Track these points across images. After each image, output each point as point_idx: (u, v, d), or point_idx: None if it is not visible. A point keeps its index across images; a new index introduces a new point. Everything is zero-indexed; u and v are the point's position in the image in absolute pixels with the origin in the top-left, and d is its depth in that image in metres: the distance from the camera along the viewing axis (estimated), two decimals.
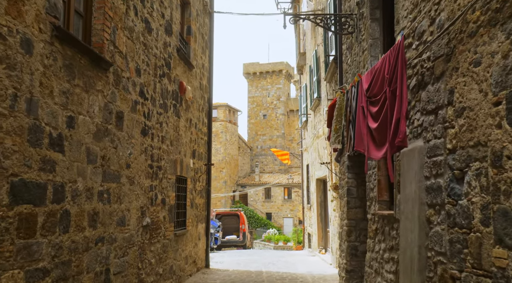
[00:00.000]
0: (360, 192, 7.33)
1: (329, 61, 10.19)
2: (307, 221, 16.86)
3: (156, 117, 6.79)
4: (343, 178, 7.69)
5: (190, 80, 9.06)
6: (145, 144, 6.30)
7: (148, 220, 6.35)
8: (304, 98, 16.12)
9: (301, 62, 16.37)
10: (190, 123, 8.99)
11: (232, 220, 20.34)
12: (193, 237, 9.29)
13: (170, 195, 7.53)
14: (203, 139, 10.30)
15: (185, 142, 8.62)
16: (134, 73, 5.86)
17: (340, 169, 8.18)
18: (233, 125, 43.69)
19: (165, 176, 7.26)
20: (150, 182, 6.51)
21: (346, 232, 7.31)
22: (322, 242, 13.40)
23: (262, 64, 49.56)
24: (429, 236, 3.83)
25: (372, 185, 5.77)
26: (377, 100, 4.11)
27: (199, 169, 9.80)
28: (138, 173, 6.01)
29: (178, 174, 8.05)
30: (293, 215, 41.60)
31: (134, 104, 5.88)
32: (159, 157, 6.93)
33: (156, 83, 6.81)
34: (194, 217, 9.35)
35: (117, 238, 5.23)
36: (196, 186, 9.52)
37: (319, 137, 12.62)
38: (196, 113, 9.56)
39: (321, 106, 12.08)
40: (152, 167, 6.59)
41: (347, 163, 7.43)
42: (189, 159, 8.94)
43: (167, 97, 7.39)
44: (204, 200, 10.34)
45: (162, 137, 7.12)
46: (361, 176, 7.36)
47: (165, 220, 7.20)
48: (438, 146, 3.70)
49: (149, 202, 6.43)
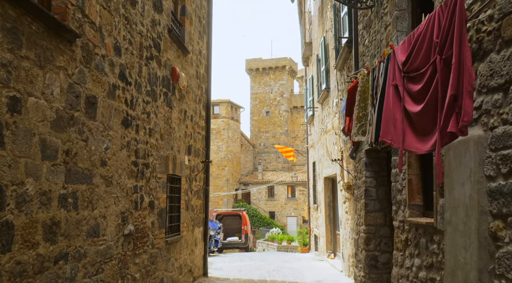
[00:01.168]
0: (380, 193, 6.32)
1: (340, 47, 9.16)
2: (313, 222, 15.84)
3: (142, 106, 5.79)
4: (360, 177, 6.67)
5: (185, 66, 8.05)
6: (127, 137, 5.30)
7: (131, 227, 5.35)
8: (310, 91, 15.09)
9: (307, 52, 15.33)
10: (184, 115, 7.99)
11: (233, 221, 19.32)
12: (189, 243, 8.30)
13: (160, 197, 6.53)
14: (201, 133, 9.30)
15: (179, 136, 7.62)
16: (112, 51, 4.85)
17: (355, 167, 7.17)
18: (236, 122, 42.71)
19: (154, 175, 6.26)
20: (134, 182, 5.52)
21: (364, 240, 6.30)
22: (331, 246, 12.39)
23: (265, 59, 48.55)
24: (495, 257, 2.81)
25: (399, 186, 4.75)
26: (421, 75, 3.08)
27: (196, 167, 8.80)
28: (118, 172, 5.01)
29: (170, 173, 7.05)
30: (297, 214, 40.69)
31: (113, 89, 4.88)
32: (146, 153, 5.93)
33: (142, 66, 5.80)
34: (190, 220, 8.35)
35: (87, 252, 4.23)
36: (193, 186, 8.52)
37: (327, 132, 11.60)
38: (192, 104, 8.56)
39: (330, 98, 11.06)
40: (136, 164, 5.60)
41: (364, 159, 6.41)
42: (184, 155, 7.94)
43: (156, 83, 6.38)
44: (202, 201, 9.34)
45: (150, 130, 6.12)
46: (381, 175, 6.35)
47: (153, 226, 6.20)
48: (510, 134, 2.68)
49: (132, 206, 5.44)
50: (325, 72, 11.34)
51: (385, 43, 5.36)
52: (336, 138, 10.13)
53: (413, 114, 3.12)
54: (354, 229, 7.37)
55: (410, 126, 3.18)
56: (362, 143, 6.62)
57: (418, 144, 3.06)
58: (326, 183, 12.60)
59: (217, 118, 40.71)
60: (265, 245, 30.56)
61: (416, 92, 3.11)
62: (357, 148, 6.80)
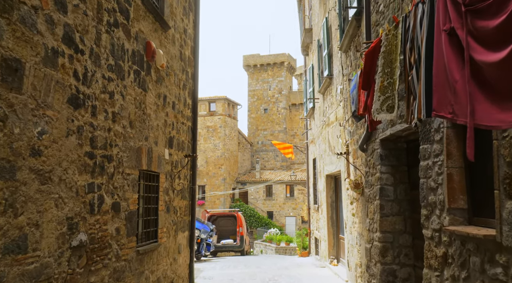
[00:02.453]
0: (399, 192, 5.13)
1: (345, 24, 7.97)
2: (313, 224, 14.66)
3: (101, 83, 4.59)
4: (373, 172, 5.49)
5: (165, 44, 6.85)
6: (78, 121, 4.10)
7: (83, 237, 4.15)
8: (310, 82, 13.90)
9: (306, 40, 14.14)
10: (164, 101, 6.79)
11: (228, 222, 18.09)
12: (170, 250, 7.11)
13: (130, 197, 5.34)
14: (186, 124, 8.10)
15: (157, 125, 6.42)
16: (50, 3, 3.65)
17: (366, 161, 5.98)
18: (233, 119, 41.53)
19: (120, 170, 5.06)
20: (90, 178, 4.32)
21: (379, 250, 5.11)
22: (334, 251, 11.20)
23: (263, 56, 47.40)
24: None
25: (433, 183, 3.57)
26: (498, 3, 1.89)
27: (179, 162, 7.60)
28: (63, 165, 3.82)
29: (144, 168, 5.86)
30: (295, 214, 39.58)
31: (52, 55, 3.68)
32: (107, 142, 4.73)
33: (101, 33, 4.60)
34: (171, 224, 7.16)
35: (3, 276, 3.04)
36: (175, 184, 7.33)
37: (330, 124, 10.41)
38: (174, 90, 7.36)
39: (333, 86, 9.87)
40: (93, 156, 4.40)
41: (379, 151, 5.22)
42: (163, 148, 6.74)
43: (122, 57, 5.18)
44: (187, 202, 8.15)
45: (114, 114, 4.93)
46: (400, 170, 5.16)
47: (119, 233, 5.00)
48: None
49: (86, 210, 4.24)
50: (327, 57, 10.15)
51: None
52: (341, 130, 8.95)
53: (489, 67, 1.94)
54: (365, 235, 6.19)
55: (483, 87, 2.00)
56: (375, 132, 5.43)
57: (502, 114, 1.87)
58: (328, 181, 11.42)
59: (214, 115, 39.57)
60: (262, 246, 29.48)
61: (492, 31, 1.92)
62: (368, 137, 5.62)
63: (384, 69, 3.07)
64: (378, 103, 3.11)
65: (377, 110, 3.15)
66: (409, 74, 2.70)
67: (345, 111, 8.38)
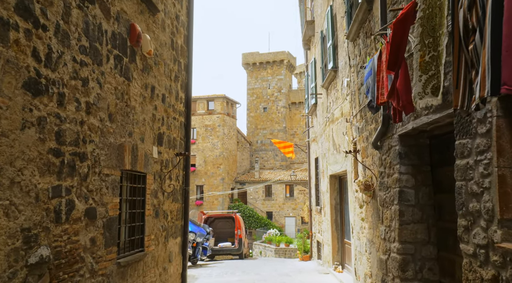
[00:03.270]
0: (422, 196, 4.41)
1: (353, 12, 7.25)
2: (315, 226, 13.94)
3: (71, 66, 3.87)
4: (390, 173, 4.76)
5: (152, 29, 6.12)
6: (38, 111, 3.37)
7: (45, 251, 3.43)
8: (312, 77, 13.17)
9: (308, 32, 13.41)
10: (152, 92, 6.07)
11: (226, 224, 17.35)
12: (160, 260, 6.38)
13: (109, 201, 4.61)
14: (178, 120, 7.37)
15: (143, 120, 5.70)
16: None
17: (381, 160, 5.25)
18: (232, 118, 40.83)
19: (97, 170, 4.34)
20: (55, 180, 3.59)
21: (398, 264, 4.38)
22: (338, 257, 10.48)
23: (262, 53, 46.73)
24: None
25: (476, 187, 2.85)
26: None
27: (170, 162, 6.88)
28: (16, 165, 3.09)
29: (128, 168, 5.13)
30: (295, 214, 38.94)
31: (2, 27, 2.96)
32: (79, 137, 4.01)
33: (70, 7, 3.87)
34: (160, 230, 6.43)
35: None
36: (165, 185, 6.60)
37: (334, 120, 9.69)
38: (164, 81, 6.63)
39: (338, 79, 9.15)
40: (59, 154, 3.67)
41: (398, 148, 4.50)
42: (151, 145, 6.02)
43: (99, 39, 4.45)
44: (179, 204, 7.42)
45: (89, 105, 4.20)
46: (422, 171, 4.44)
47: (94, 244, 4.28)
48: None
49: (50, 218, 3.52)
50: (331, 48, 9.43)
51: None
52: (347, 127, 8.22)
53: None
54: (376, 243, 5.47)
55: None
56: (392, 126, 4.71)
57: None
58: (332, 182, 10.69)
59: (212, 114, 38.88)
60: (262, 248, 28.85)
61: None
62: (384, 133, 4.89)
63: (423, 40, 2.35)
64: (419, 85, 2.38)
65: (420, 94, 2.41)
66: (461, 43, 1.97)
67: (353, 105, 7.66)
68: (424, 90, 2.37)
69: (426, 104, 2.33)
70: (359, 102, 7.13)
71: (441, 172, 4.18)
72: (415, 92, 2.44)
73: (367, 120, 6.53)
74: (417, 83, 2.41)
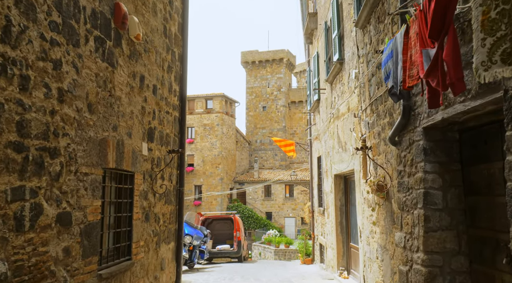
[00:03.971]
0: (451, 199, 3.79)
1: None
2: (318, 228, 13.32)
3: (38, 44, 3.24)
4: (412, 172, 4.14)
5: (142, 12, 5.50)
6: None
7: (1, 267, 2.80)
8: (315, 72, 12.55)
9: (311, 25, 12.78)
10: (141, 82, 5.44)
11: (224, 226, 16.70)
12: (150, 268, 5.76)
13: (88, 204, 3.99)
14: (171, 114, 6.75)
15: (131, 112, 5.08)
16: None
17: (400, 157, 4.63)
18: (230, 117, 40.23)
19: (72, 169, 3.71)
20: (15, 180, 2.97)
21: (423, 277, 3.76)
22: (343, 261, 9.87)
23: (261, 52, 46.18)
24: None
25: None
26: None
27: (162, 160, 6.26)
28: None
29: (111, 167, 4.51)
30: (295, 215, 38.38)
31: None
32: (49, 129, 3.38)
33: None
34: (151, 236, 5.81)
35: None
36: (156, 186, 5.98)
37: (340, 116, 9.08)
38: (155, 71, 6.01)
39: (345, 72, 8.53)
40: (22, 148, 3.05)
41: (422, 143, 3.89)
42: (140, 141, 5.39)
43: (76, 17, 3.82)
44: (173, 207, 6.80)
45: (62, 92, 3.57)
46: (451, 169, 3.83)
47: (69, 255, 3.65)
48: None
49: (8, 226, 2.89)
50: (337, 39, 8.81)
51: None
52: (355, 122, 7.61)
53: None
54: (390, 249, 4.85)
55: None
56: (415, 118, 4.09)
57: None
58: (336, 182, 10.07)
59: (211, 113, 38.28)
60: (261, 249, 28.30)
61: None
62: (404, 126, 4.27)
63: None
64: (482, 52, 1.76)
65: (483, 63, 1.79)
66: None
67: (362, 99, 7.05)
68: (491, 58, 1.77)
69: (495, 76, 1.73)
70: (369, 94, 6.52)
71: (475, 170, 3.56)
72: (477, 62, 1.83)
73: (379, 114, 5.92)
74: (479, 49, 1.81)
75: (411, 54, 2.92)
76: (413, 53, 2.86)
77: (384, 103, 5.59)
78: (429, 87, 2.47)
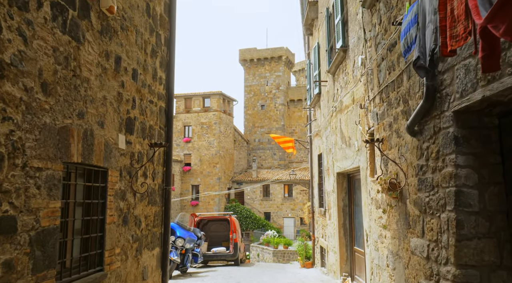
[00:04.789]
0: (489, 199, 3.05)
1: None
2: (319, 230, 12.58)
3: None
4: (437, 166, 3.40)
5: None
6: None
7: None
8: (315, 64, 11.82)
9: (311, 14, 12.06)
10: (117, 64, 4.69)
11: (220, 227, 15.95)
12: (129, 278, 5.01)
13: (42, 206, 3.24)
14: (156, 104, 6.01)
15: (103, 98, 4.33)
16: None
17: (421, 149, 3.89)
18: (228, 116, 39.51)
19: (18, 162, 2.97)
20: None
21: None
22: (346, 267, 9.14)
23: (259, 50, 45.47)
24: None
25: None
26: None
27: (145, 155, 5.51)
28: None
29: (77, 161, 3.76)
30: (294, 215, 37.65)
31: None
32: None
33: None
34: (130, 242, 5.06)
35: None
36: (137, 184, 5.23)
37: (343, 110, 8.35)
38: (136, 53, 5.26)
39: (349, 60, 7.80)
40: None
41: (452, 131, 3.15)
42: (115, 132, 4.64)
43: None
44: (158, 208, 6.05)
45: (2, 64, 2.83)
46: (489, 163, 3.09)
47: (12, 270, 2.90)
48: None
49: None
50: (341, 24, 8.08)
51: None
52: (361, 114, 6.88)
53: None
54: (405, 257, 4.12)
55: None
56: (442, 100, 3.35)
57: None
58: (339, 180, 9.34)
59: (208, 111, 37.56)
60: (259, 250, 27.64)
61: None
62: (427, 111, 3.54)
63: None
64: None
65: None
66: None
67: (369, 87, 6.32)
68: None
69: None
70: (379, 81, 5.79)
71: None
72: None
73: (391, 102, 5.19)
74: None
75: (452, 8, 2.20)
76: (456, 5, 2.14)
77: (397, 89, 4.86)
78: (486, 40, 1.76)
